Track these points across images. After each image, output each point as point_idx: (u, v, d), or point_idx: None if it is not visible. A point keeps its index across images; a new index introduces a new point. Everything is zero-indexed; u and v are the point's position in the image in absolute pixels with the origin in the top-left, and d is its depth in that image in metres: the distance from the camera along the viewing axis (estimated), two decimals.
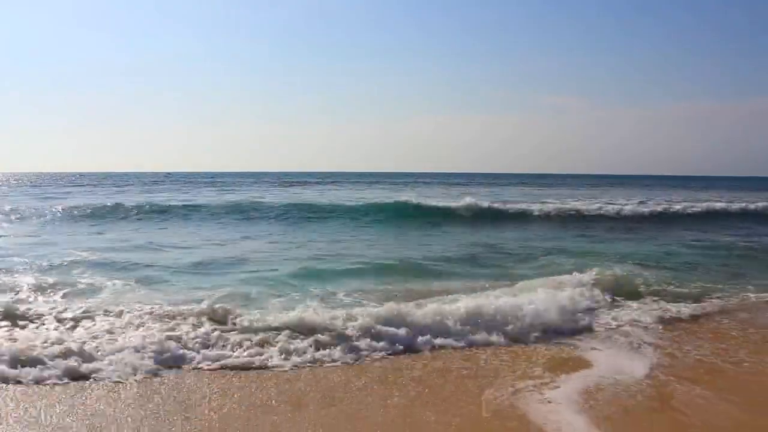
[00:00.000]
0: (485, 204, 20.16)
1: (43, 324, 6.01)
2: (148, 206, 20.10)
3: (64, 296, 7.30)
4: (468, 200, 19.72)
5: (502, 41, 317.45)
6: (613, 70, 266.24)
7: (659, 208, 20.58)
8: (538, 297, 6.90)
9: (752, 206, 21.70)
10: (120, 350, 5.26)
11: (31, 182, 57.08)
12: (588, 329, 6.30)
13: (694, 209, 20.71)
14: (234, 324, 6.07)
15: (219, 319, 6.20)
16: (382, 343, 5.71)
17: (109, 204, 20.68)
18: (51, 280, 8.13)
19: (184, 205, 20.86)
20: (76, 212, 18.76)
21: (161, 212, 19.14)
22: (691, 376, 4.76)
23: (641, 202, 23.76)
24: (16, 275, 8.52)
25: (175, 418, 3.92)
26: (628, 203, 23.05)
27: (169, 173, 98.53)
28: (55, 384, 4.63)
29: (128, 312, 6.42)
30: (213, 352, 5.39)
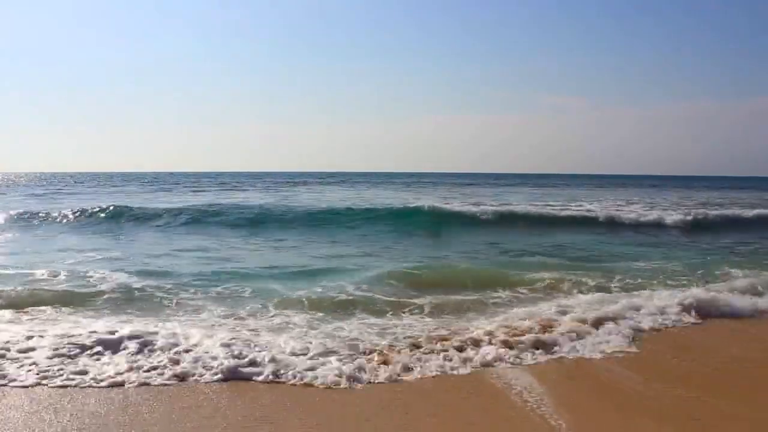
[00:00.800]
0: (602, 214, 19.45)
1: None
2: (168, 209, 19.84)
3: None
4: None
5: (502, 41, 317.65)
6: (613, 70, 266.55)
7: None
8: None
9: None
10: None
11: (34, 183, 56.97)
12: None
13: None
14: None
15: None
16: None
17: (135, 207, 20.37)
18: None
19: (214, 210, 20.18)
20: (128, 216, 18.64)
21: (193, 216, 18.73)
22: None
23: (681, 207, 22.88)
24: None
25: None
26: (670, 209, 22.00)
27: (171, 173, 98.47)
28: None
29: None
30: None
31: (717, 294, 7.70)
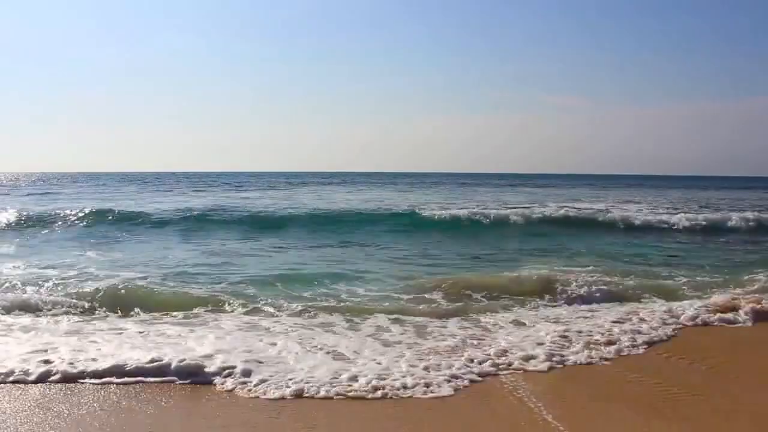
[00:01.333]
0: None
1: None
2: (183, 210, 19.50)
3: None
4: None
5: (502, 41, 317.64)
6: (613, 70, 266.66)
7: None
8: None
9: None
10: None
11: (35, 183, 56.90)
12: None
13: None
14: None
15: None
16: None
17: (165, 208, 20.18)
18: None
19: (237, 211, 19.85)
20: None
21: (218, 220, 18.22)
22: None
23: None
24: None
25: None
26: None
27: (173, 173, 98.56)
28: None
29: None
30: None
31: None
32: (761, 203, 28.31)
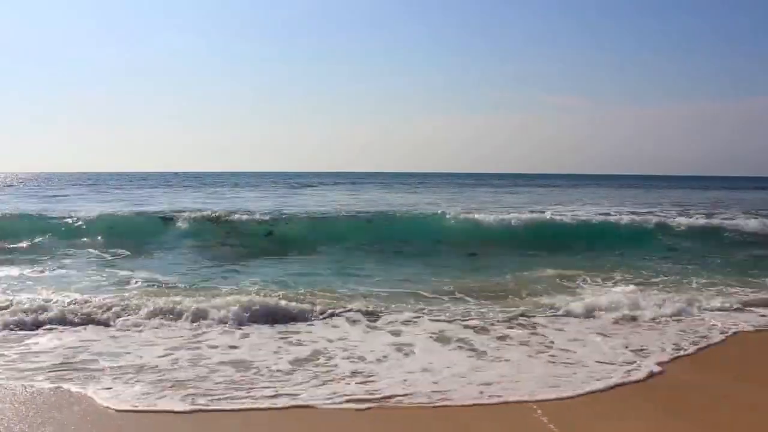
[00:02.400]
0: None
1: None
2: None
3: None
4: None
5: (502, 41, 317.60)
6: (613, 70, 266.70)
7: None
8: None
9: None
10: None
11: (38, 183, 56.76)
12: None
13: None
14: None
15: None
16: None
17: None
18: None
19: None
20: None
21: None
22: None
23: None
24: None
25: None
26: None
27: (176, 173, 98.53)
28: None
29: None
30: None
31: None
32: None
